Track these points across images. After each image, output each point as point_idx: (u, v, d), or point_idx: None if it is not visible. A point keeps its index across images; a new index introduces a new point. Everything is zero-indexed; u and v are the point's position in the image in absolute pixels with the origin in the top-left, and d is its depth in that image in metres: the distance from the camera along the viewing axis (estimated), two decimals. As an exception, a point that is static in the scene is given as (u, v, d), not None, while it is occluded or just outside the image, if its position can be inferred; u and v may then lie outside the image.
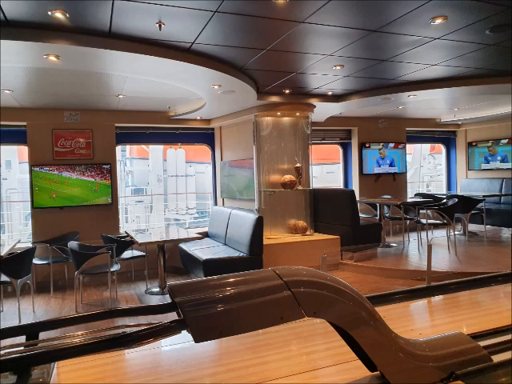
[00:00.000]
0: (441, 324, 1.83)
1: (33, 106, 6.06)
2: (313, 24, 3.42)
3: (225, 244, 6.40)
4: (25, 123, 6.22)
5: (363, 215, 7.99)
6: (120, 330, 1.02)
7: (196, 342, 1.00)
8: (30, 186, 6.21)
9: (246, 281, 1.15)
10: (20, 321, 4.66)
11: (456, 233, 7.49)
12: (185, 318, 1.01)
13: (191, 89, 5.14)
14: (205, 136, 7.94)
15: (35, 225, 6.29)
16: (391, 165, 9.01)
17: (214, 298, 1.07)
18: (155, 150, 13.16)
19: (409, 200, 7.83)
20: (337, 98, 6.51)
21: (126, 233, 6.36)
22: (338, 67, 4.81)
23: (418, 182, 13.34)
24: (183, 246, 6.43)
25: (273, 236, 6.54)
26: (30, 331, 1.16)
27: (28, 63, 3.89)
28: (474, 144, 9.74)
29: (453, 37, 3.86)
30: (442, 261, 6.19)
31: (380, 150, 8.89)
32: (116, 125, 6.82)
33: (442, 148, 10.66)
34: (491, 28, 3.62)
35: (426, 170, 14.16)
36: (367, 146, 8.76)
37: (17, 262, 4.67)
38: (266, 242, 5.92)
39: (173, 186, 13.52)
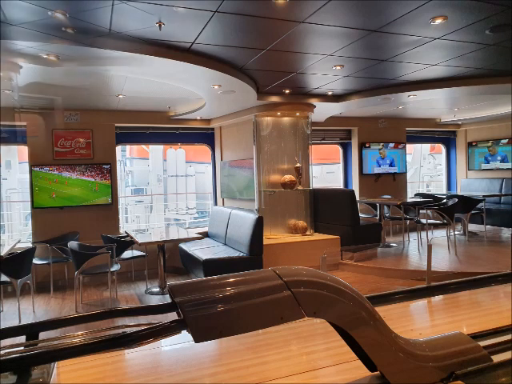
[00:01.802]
0: (441, 324, 1.83)
1: (33, 105, 6.05)
2: (313, 24, 3.42)
3: (225, 244, 6.40)
4: (25, 123, 6.22)
5: (363, 215, 7.99)
6: (120, 330, 1.02)
7: (196, 341, 1.00)
8: (30, 186, 6.21)
9: (245, 281, 1.15)
10: (20, 321, 4.66)
11: (456, 233, 7.48)
12: (185, 317, 1.01)
13: (191, 89, 5.14)
14: (205, 136, 7.94)
15: (35, 225, 6.29)
16: (391, 165, 9.01)
17: (214, 298, 1.06)
18: (155, 149, 13.15)
19: (409, 200, 7.83)
20: (337, 97, 6.51)
21: (126, 233, 6.36)
22: (338, 67, 4.81)
23: (418, 181, 13.34)
24: (183, 246, 6.43)
25: (273, 236, 6.54)
26: (30, 331, 1.16)
27: (28, 63, 3.88)
28: (474, 144, 9.74)
29: (453, 37, 3.86)
30: (442, 261, 6.19)
31: (380, 150, 8.89)
32: (116, 125, 6.82)
33: (442, 148, 10.66)
34: (491, 28, 3.62)
35: (425, 169, 14.14)
36: (367, 146, 8.76)
37: (17, 262, 4.67)
38: (266, 241, 5.92)
39: (173, 185, 13.51)
